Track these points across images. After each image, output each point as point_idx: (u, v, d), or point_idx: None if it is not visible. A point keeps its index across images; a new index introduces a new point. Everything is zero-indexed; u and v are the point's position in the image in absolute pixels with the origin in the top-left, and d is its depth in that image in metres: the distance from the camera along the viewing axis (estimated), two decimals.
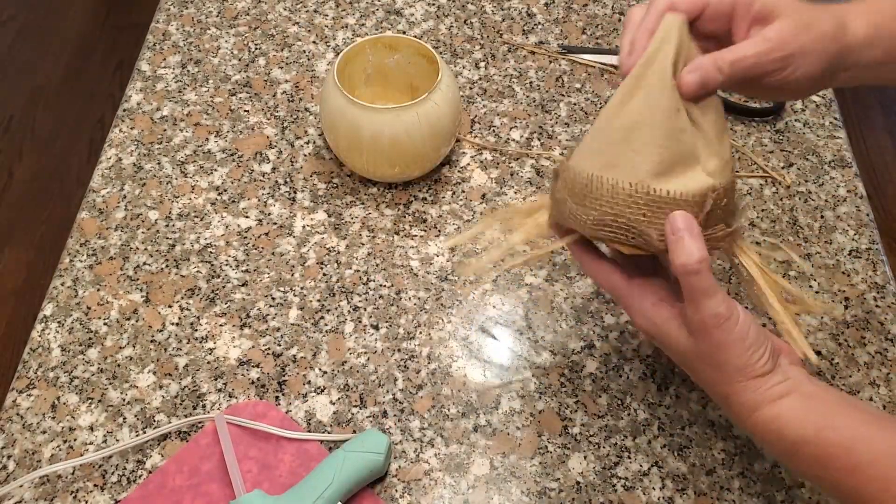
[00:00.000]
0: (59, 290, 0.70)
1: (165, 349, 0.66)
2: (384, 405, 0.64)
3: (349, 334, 0.67)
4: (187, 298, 0.69)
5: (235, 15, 0.92)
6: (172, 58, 0.87)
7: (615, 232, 0.51)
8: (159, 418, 0.63)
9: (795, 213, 0.76)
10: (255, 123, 0.82)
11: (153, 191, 0.76)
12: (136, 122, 0.82)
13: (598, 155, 0.51)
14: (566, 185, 0.53)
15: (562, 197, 0.53)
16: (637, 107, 0.50)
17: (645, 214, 0.50)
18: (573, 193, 0.52)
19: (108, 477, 0.60)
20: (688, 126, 0.50)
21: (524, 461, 0.61)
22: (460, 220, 0.75)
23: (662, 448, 0.62)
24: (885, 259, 0.73)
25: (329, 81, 0.72)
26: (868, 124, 2.05)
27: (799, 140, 0.82)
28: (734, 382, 0.50)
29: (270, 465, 0.60)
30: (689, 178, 0.50)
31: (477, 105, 0.84)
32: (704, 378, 0.52)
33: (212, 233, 0.74)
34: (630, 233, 0.51)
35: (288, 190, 0.77)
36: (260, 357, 0.66)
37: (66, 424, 0.63)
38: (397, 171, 0.73)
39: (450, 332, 0.68)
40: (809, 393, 0.49)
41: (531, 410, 0.64)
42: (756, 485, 0.60)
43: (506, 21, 0.91)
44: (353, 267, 0.71)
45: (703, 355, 0.51)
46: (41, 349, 0.66)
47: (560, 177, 0.54)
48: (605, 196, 0.50)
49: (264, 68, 0.86)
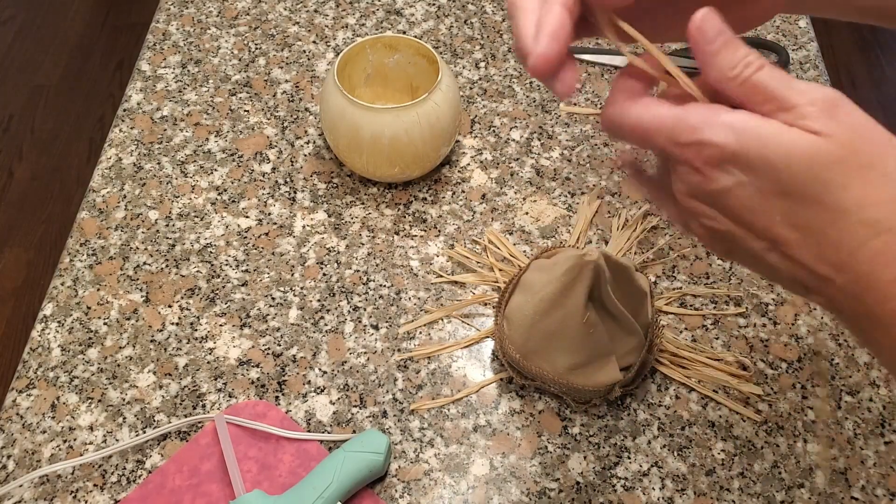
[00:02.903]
0: (59, 289, 0.70)
1: (165, 349, 0.66)
2: (384, 405, 0.64)
3: (349, 334, 0.67)
4: (187, 298, 0.69)
5: (235, 15, 0.92)
6: (172, 58, 0.87)
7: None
8: (159, 418, 0.63)
9: None
10: (255, 123, 0.82)
11: (153, 191, 0.76)
12: (136, 121, 0.82)
13: (526, 340, 0.61)
14: (507, 330, 0.63)
15: (505, 331, 0.63)
16: (557, 319, 0.59)
17: (566, 392, 0.62)
18: (512, 342, 0.62)
19: (107, 477, 0.60)
20: (599, 329, 0.59)
21: (524, 461, 0.61)
22: (460, 220, 0.75)
23: (662, 448, 0.62)
24: None
25: (329, 81, 0.72)
26: None
27: None
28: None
29: (270, 465, 0.60)
30: (600, 374, 0.60)
31: (477, 105, 0.84)
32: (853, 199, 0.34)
33: (212, 233, 0.74)
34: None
35: (288, 190, 0.77)
36: (260, 357, 0.66)
37: (65, 424, 0.63)
38: (397, 171, 0.73)
39: (450, 332, 0.68)
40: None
41: (531, 410, 0.64)
42: (756, 485, 0.60)
43: (506, 21, 0.91)
44: (353, 267, 0.71)
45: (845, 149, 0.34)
46: (41, 349, 0.66)
47: (503, 318, 0.64)
48: (534, 370, 0.61)
49: (264, 68, 0.86)
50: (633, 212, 0.75)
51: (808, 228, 0.35)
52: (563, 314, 0.59)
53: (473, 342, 0.67)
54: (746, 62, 0.35)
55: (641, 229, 0.74)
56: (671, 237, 0.74)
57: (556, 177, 0.78)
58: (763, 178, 0.35)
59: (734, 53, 0.35)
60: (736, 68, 0.35)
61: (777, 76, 0.34)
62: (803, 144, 0.34)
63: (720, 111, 0.35)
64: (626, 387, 0.62)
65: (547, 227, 0.74)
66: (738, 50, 0.35)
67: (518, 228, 0.74)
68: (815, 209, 0.34)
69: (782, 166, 0.34)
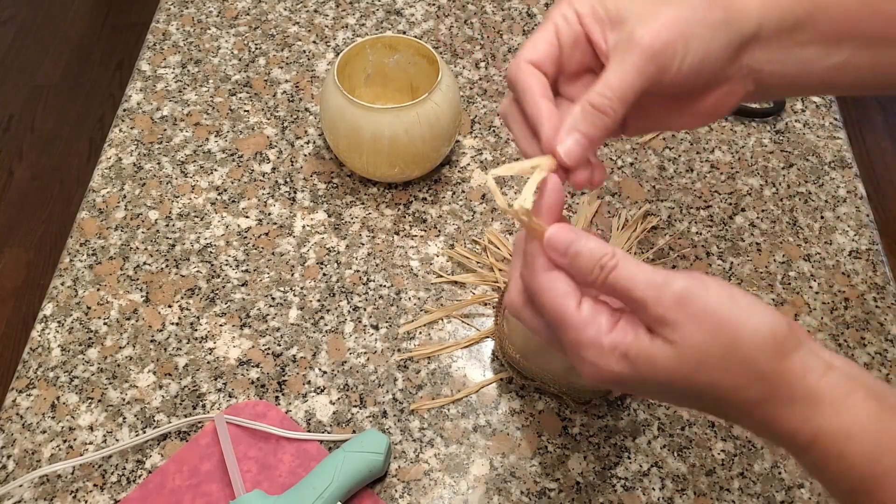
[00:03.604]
0: (59, 289, 0.70)
1: (165, 349, 0.66)
2: (384, 405, 0.64)
3: (349, 334, 0.67)
4: (187, 298, 0.69)
5: (235, 15, 0.92)
6: (172, 58, 0.87)
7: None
8: (159, 418, 0.63)
9: (795, 214, 0.76)
10: (255, 123, 0.82)
11: (153, 191, 0.76)
12: (136, 121, 0.82)
13: (526, 340, 0.60)
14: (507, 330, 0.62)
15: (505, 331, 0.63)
16: None
17: (566, 392, 0.62)
18: (512, 342, 0.62)
19: (107, 477, 0.60)
20: None
21: (524, 461, 0.61)
22: (460, 220, 0.75)
23: (662, 448, 0.62)
24: (885, 260, 0.73)
25: (329, 81, 0.72)
26: (868, 125, 2.05)
27: (799, 141, 0.82)
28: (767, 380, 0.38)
29: (270, 465, 0.60)
30: None
31: (477, 105, 0.84)
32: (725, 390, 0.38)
33: (212, 233, 0.74)
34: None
35: (288, 190, 0.77)
36: (260, 357, 0.66)
37: (65, 424, 0.63)
38: (397, 171, 0.73)
39: (450, 332, 0.68)
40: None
41: (531, 410, 0.64)
42: (756, 485, 0.60)
43: (506, 21, 0.91)
44: (353, 267, 0.72)
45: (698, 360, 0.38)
46: (41, 349, 0.66)
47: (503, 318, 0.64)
48: (534, 370, 0.61)
49: (264, 68, 0.86)
50: (632, 212, 0.75)
51: (702, 408, 0.40)
52: None
53: (473, 342, 0.67)
54: (601, 265, 0.38)
55: (641, 229, 0.74)
56: (671, 237, 0.74)
57: None
58: (649, 386, 0.39)
59: (587, 260, 0.39)
60: (592, 273, 0.39)
61: (628, 275, 0.38)
62: (665, 359, 0.38)
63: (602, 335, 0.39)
64: None
65: None
66: (593, 254, 0.39)
67: (518, 229, 0.74)
68: (698, 401, 0.39)
69: (661, 379, 0.38)
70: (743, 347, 0.37)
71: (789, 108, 0.84)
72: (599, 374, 0.39)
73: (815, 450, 0.38)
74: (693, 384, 0.38)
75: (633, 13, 0.42)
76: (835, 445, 0.37)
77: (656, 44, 0.41)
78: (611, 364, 0.38)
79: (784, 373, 0.38)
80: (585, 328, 0.39)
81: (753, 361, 0.37)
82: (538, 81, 0.43)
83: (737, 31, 0.43)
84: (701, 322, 0.37)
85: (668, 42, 0.41)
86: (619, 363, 0.38)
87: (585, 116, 0.41)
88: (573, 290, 0.39)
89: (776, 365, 0.38)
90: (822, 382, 0.38)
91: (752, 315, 0.38)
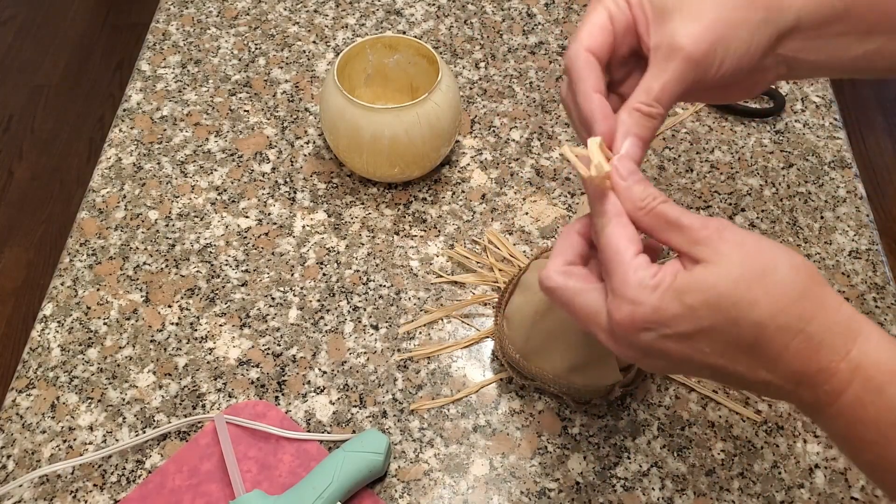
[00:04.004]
0: (58, 289, 0.70)
1: (165, 349, 0.66)
2: (384, 405, 0.64)
3: (349, 334, 0.67)
4: (187, 298, 0.69)
5: (235, 15, 0.92)
6: (172, 58, 0.87)
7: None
8: (159, 418, 0.63)
9: (795, 214, 0.76)
10: (255, 123, 0.82)
11: (153, 191, 0.76)
12: (136, 121, 0.82)
13: (526, 340, 0.61)
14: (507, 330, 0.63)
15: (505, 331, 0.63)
16: (557, 319, 0.59)
17: (566, 393, 0.62)
18: (512, 342, 0.62)
19: (107, 477, 0.60)
20: None
21: (524, 461, 0.61)
22: (460, 220, 0.75)
23: (662, 448, 0.62)
24: (884, 260, 0.73)
25: (329, 81, 0.72)
26: (868, 125, 2.05)
27: (799, 141, 0.82)
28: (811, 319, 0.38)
29: (270, 465, 0.60)
30: (600, 374, 0.59)
31: (477, 105, 0.84)
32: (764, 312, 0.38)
33: (212, 233, 0.74)
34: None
35: (288, 190, 0.77)
36: (260, 357, 0.66)
37: (65, 424, 0.63)
38: (397, 171, 0.73)
39: (450, 332, 0.68)
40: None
41: (531, 410, 0.64)
42: (756, 485, 0.60)
43: (506, 21, 0.91)
44: (353, 267, 0.72)
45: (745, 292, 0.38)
46: (41, 349, 0.66)
47: (503, 318, 0.63)
48: (534, 371, 0.61)
49: (264, 68, 0.86)
50: None
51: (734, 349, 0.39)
52: (563, 314, 0.59)
53: (473, 342, 0.67)
54: (653, 196, 0.42)
55: None
56: None
57: (556, 177, 0.78)
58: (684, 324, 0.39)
59: (644, 190, 0.42)
60: (645, 200, 0.42)
61: (676, 209, 0.41)
62: (706, 278, 0.38)
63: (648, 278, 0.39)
64: (626, 387, 0.62)
65: (547, 227, 0.75)
66: (648, 188, 0.42)
67: (518, 228, 0.74)
68: (735, 330, 0.38)
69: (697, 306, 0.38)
70: (781, 270, 0.38)
71: (789, 108, 0.84)
72: (637, 312, 0.39)
73: (855, 385, 0.37)
74: (735, 306, 0.38)
75: (676, 8, 0.44)
76: (876, 379, 0.37)
77: (697, 52, 0.43)
78: (652, 300, 0.39)
79: (822, 297, 0.38)
80: (636, 270, 0.40)
81: (790, 281, 0.38)
82: (592, 72, 0.45)
83: (775, 28, 0.45)
84: (741, 246, 0.39)
85: (709, 49, 0.43)
86: (659, 297, 0.39)
87: (636, 121, 0.44)
88: (636, 240, 0.41)
89: (814, 287, 0.38)
90: (859, 316, 0.38)
91: (784, 250, 0.40)
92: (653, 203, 0.41)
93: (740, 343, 0.39)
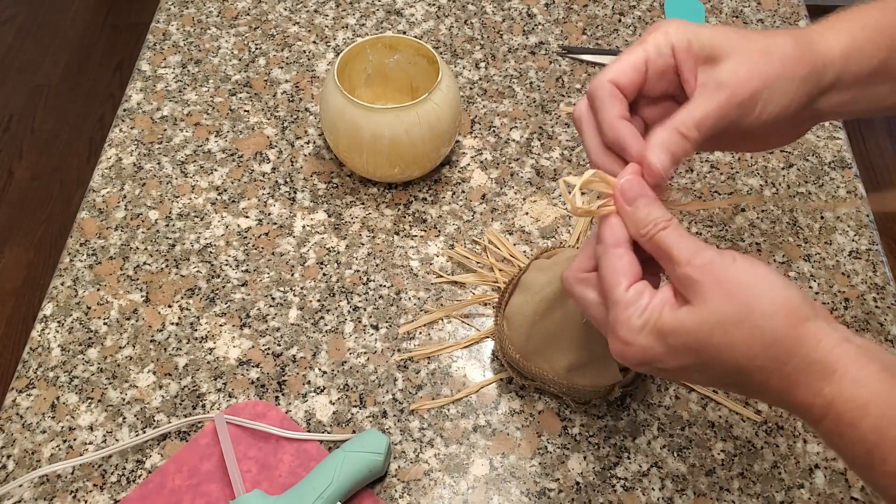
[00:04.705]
0: (58, 289, 0.70)
1: (165, 349, 0.66)
2: (384, 405, 0.64)
3: (349, 334, 0.67)
4: (187, 298, 0.69)
5: (235, 15, 0.92)
6: (172, 58, 0.87)
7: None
8: (159, 418, 0.63)
9: (795, 214, 0.76)
10: (255, 123, 0.82)
11: (153, 191, 0.76)
12: (136, 121, 0.82)
13: (526, 340, 0.61)
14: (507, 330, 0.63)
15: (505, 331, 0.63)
16: (557, 319, 0.59)
17: (566, 393, 0.61)
18: (512, 342, 0.62)
19: (107, 477, 0.60)
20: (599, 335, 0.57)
21: (524, 461, 0.61)
22: (460, 220, 0.75)
23: (662, 448, 0.62)
24: (884, 260, 0.73)
25: (329, 81, 0.72)
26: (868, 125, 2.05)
27: (799, 141, 0.82)
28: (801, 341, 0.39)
29: (270, 465, 0.60)
30: (600, 375, 0.59)
31: (477, 105, 0.84)
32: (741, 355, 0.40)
33: (212, 233, 0.74)
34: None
35: (288, 190, 0.77)
36: (260, 357, 0.66)
37: (65, 424, 0.63)
38: (397, 171, 0.73)
39: (450, 333, 0.68)
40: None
41: (531, 411, 0.64)
42: (756, 485, 0.60)
43: (506, 21, 0.91)
44: (353, 267, 0.72)
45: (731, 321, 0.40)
46: (41, 349, 0.66)
47: (503, 318, 0.63)
48: (534, 371, 0.61)
49: (264, 68, 0.86)
50: None
51: (722, 379, 0.42)
52: (563, 314, 0.59)
53: (473, 342, 0.67)
54: (655, 222, 0.43)
55: None
56: None
57: (557, 177, 0.78)
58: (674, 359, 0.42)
59: (647, 215, 0.43)
60: (647, 227, 0.43)
61: (672, 237, 0.42)
62: (684, 323, 0.41)
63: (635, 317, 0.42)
64: (626, 387, 0.62)
65: (547, 227, 0.75)
66: (652, 213, 0.43)
67: (518, 228, 0.74)
68: (719, 367, 0.41)
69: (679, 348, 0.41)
70: (757, 311, 0.40)
71: None
72: (627, 352, 0.42)
73: (829, 419, 0.39)
74: (714, 348, 0.40)
75: (728, 55, 0.46)
76: (847, 414, 0.39)
77: (741, 93, 0.45)
78: (639, 340, 0.42)
79: (798, 338, 0.40)
80: (626, 308, 0.42)
81: (766, 325, 0.39)
82: (617, 103, 0.46)
83: (816, 84, 0.47)
84: (721, 284, 0.40)
85: (754, 94, 0.45)
86: (645, 338, 0.41)
87: (672, 138, 0.45)
88: (630, 271, 0.43)
89: (790, 330, 0.40)
90: (837, 351, 0.39)
91: (769, 285, 0.40)
92: (653, 231, 0.43)
93: (725, 377, 0.42)
